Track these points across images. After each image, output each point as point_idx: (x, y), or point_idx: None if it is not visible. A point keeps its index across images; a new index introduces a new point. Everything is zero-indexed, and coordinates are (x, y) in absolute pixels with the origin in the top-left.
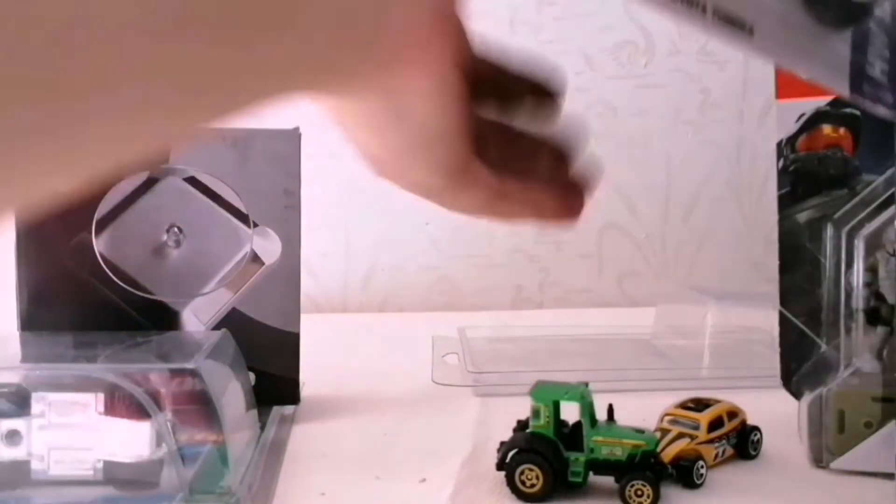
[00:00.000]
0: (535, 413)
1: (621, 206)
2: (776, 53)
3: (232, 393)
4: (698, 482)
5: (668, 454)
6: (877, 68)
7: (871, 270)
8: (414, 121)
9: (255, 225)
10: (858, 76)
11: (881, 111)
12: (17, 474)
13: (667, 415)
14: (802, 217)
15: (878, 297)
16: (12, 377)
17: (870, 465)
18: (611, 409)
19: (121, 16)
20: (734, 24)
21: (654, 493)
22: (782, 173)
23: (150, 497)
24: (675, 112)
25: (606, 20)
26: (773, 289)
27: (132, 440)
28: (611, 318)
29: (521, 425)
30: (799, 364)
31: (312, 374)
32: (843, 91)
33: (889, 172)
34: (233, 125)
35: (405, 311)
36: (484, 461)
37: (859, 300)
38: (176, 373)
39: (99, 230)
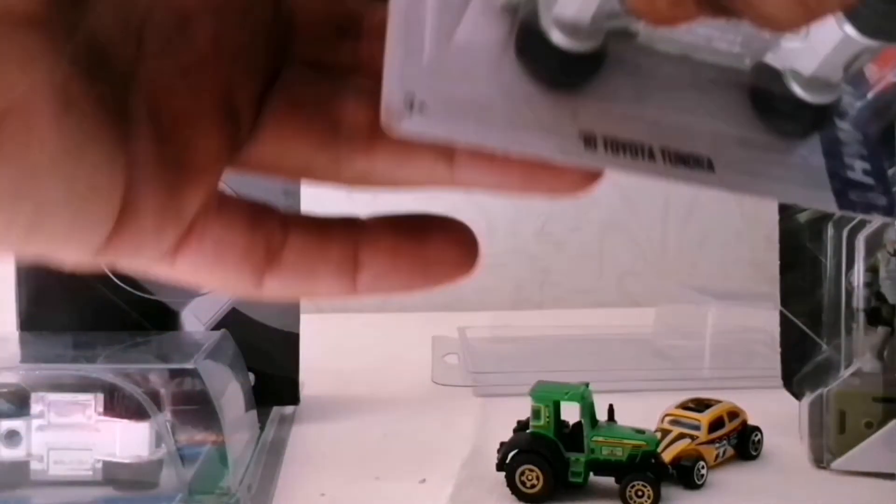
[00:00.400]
0: (536, 413)
1: (621, 206)
2: (744, 184)
3: (231, 393)
4: (699, 483)
5: (668, 454)
6: (858, 170)
7: (872, 270)
8: None
9: None
10: (841, 185)
11: (876, 218)
12: (17, 475)
13: (667, 415)
14: (803, 217)
15: (879, 297)
16: (12, 377)
17: (870, 466)
18: (611, 410)
19: None
20: (690, 164)
21: (654, 493)
22: None
23: (149, 497)
24: None
25: None
26: (774, 289)
27: (131, 440)
28: (611, 318)
29: (522, 426)
30: (800, 364)
31: (312, 374)
32: (830, 206)
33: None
34: None
35: (405, 311)
36: (484, 462)
37: (860, 300)
38: (175, 373)
39: None
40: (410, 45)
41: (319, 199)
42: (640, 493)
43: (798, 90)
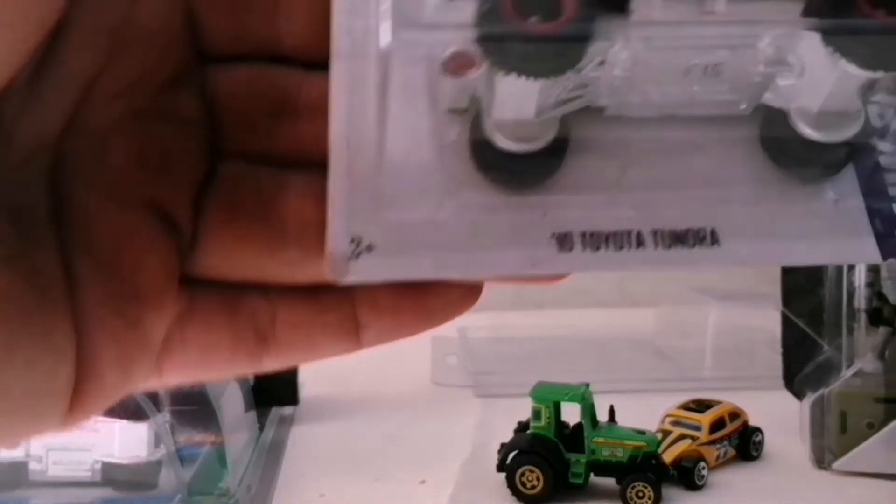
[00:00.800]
0: (536, 414)
1: None
2: (756, 252)
3: (231, 394)
4: (699, 483)
5: (669, 455)
6: None
7: (874, 270)
8: None
9: None
10: (885, 225)
11: None
12: (15, 475)
13: (668, 416)
14: None
15: (881, 297)
16: None
17: (872, 466)
18: (612, 411)
19: None
20: (688, 241)
21: (655, 494)
22: None
23: (148, 498)
24: None
25: None
26: (775, 289)
27: (130, 441)
28: (612, 318)
29: (522, 426)
30: (801, 365)
31: (312, 375)
32: (874, 257)
33: None
34: None
35: None
36: (484, 463)
37: (861, 300)
38: None
39: None
40: (353, 176)
41: None
42: (640, 494)
43: (808, 130)
